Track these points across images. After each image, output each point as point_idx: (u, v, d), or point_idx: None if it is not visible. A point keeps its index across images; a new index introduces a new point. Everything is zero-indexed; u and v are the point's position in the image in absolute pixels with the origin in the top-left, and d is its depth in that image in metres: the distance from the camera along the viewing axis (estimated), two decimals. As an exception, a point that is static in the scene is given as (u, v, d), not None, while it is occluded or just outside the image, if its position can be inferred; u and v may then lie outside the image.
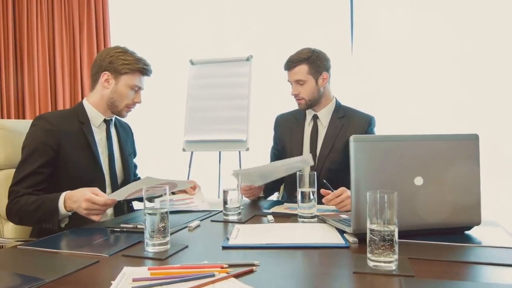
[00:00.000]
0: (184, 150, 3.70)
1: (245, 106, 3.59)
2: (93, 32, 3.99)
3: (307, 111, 2.07)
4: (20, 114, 3.80)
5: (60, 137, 1.57)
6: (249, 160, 3.62)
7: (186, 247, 1.13)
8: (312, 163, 1.74)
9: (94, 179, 1.62)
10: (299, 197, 1.41)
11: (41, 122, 1.59)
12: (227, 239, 1.18)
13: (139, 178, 1.94)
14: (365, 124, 1.96)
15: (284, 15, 3.86)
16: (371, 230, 0.94)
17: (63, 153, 1.57)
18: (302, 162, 1.75)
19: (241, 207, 1.54)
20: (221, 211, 1.62)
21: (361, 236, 1.12)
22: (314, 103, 1.99)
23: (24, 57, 3.80)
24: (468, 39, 3.34)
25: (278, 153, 2.16)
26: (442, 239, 1.12)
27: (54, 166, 1.56)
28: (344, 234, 1.19)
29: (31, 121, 1.63)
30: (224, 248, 1.12)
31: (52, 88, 3.92)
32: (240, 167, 3.68)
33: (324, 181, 1.54)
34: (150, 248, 1.09)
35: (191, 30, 4.07)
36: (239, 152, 3.65)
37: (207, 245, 1.20)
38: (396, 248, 0.92)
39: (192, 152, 3.74)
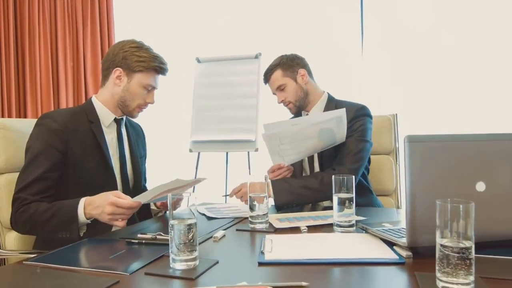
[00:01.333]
0: (190, 150, 3.59)
1: (254, 105, 3.47)
2: (96, 29, 3.88)
3: (302, 113, 2.00)
4: (22, 114, 3.69)
5: (67, 138, 1.43)
6: (259, 161, 3.50)
7: (217, 262, 0.99)
8: (344, 121, 1.69)
9: (106, 184, 1.49)
10: (335, 203, 1.27)
11: (46, 121, 1.44)
12: (262, 253, 1.04)
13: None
14: (352, 113, 1.81)
15: (294, 11, 3.75)
16: (443, 246, 0.80)
17: (71, 155, 1.43)
18: (336, 120, 1.66)
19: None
20: (244, 219, 1.49)
21: (415, 250, 0.99)
22: (302, 102, 1.93)
23: (26, 54, 3.69)
24: (479, 35, 3.22)
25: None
26: None
27: (61, 170, 1.42)
28: (394, 247, 1.05)
29: (34, 120, 1.48)
30: (260, 264, 0.98)
31: (55, 86, 3.81)
32: (249, 168, 3.55)
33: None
34: (178, 264, 0.95)
35: (197, 27, 3.95)
36: (248, 152, 3.52)
37: (240, 260, 1.06)
38: (473, 267, 0.78)
39: (199, 153, 3.62)
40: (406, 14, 3.46)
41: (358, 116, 1.82)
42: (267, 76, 1.95)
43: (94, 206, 1.28)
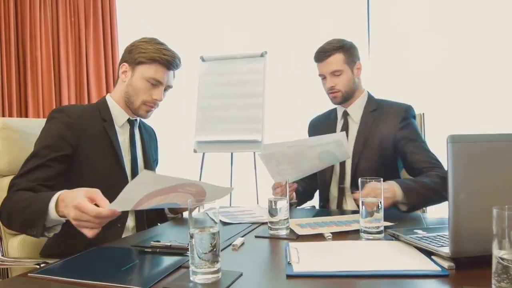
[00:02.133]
0: (195, 151, 3.51)
1: (259, 105, 3.39)
2: (99, 27, 3.81)
3: (338, 109, 1.89)
4: (23, 113, 3.63)
5: (80, 133, 1.35)
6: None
7: (241, 275, 0.90)
8: (345, 144, 1.56)
9: (116, 185, 1.37)
10: (362, 208, 1.18)
11: (59, 115, 1.36)
12: (289, 264, 0.95)
13: None
14: (399, 114, 1.73)
15: (300, 8, 3.67)
16: (501, 258, 0.71)
17: (81, 152, 1.35)
18: (335, 143, 1.56)
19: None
20: (261, 224, 1.40)
21: (456, 261, 0.90)
22: (350, 95, 1.81)
23: (27, 52, 3.63)
24: (487, 33, 3.14)
25: None
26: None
27: (68, 164, 1.33)
28: (433, 257, 0.96)
29: (38, 119, 1.40)
30: (289, 276, 0.89)
31: (57, 86, 3.75)
32: (255, 169, 3.47)
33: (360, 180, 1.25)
34: (199, 277, 0.86)
35: (201, 25, 3.87)
36: (254, 153, 3.44)
37: (265, 272, 0.97)
38: (537, 283, 0.70)
39: (203, 154, 3.53)
40: (413, 12, 3.39)
41: (409, 117, 1.75)
42: (325, 55, 1.77)
43: (65, 203, 1.08)
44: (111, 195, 1.23)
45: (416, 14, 3.37)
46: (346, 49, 1.77)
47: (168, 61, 1.46)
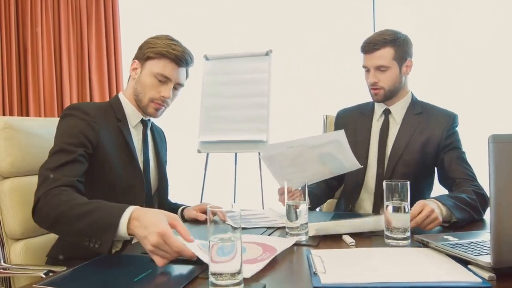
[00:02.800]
0: (199, 151, 3.45)
1: (265, 104, 3.33)
2: (102, 25, 3.74)
3: (376, 105, 1.75)
4: (24, 112, 3.57)
5: (99, 132, 1.29)
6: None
7: (264, 287, 0.84)
8: (345, 146, 1.45)
9: (133, 185, 1.36)
10: (389, 211, 1.11)
11: (77, 112, 1.29)
12: (315, 274, 0.88)
13: None
14: (447, 122, 1.64)
15: (305, 6, 3.62)
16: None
17: (100, 151, 1.29)
18: (333, 144, 1.45)
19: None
20: (277, 229, 1.34)
21: (497, 271, 0.83)
22: (393, 94, 1.67)
23: (28, 50, 3.57)
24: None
25: None
26: None
27: (89, 162, 1.26)
28: (469, 266, 0.90)
29: (44, 118, 1.33)
30: (317, 289, 0.82)
31: (58, 84, 3.69)
32: (261, 170, 3.41)
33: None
34: (220, 291, 0.79)
35: (205, 23, 3.80)
36: (259, 153, 3.38)
37: (291, 284, 0.90)
38: None
39: (207, 154, 3.47)
40: (419, 11, 3.34)
41: (456, 127, 1.66)
42: (373, 48, 1.62)
43: (141, 223, 0.97)
44: (128, 197, 1.24)
45: (422, 14, 3.32)
46: (398, 43, 1.62)
47: (177, 56, 1.39)
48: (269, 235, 1.27)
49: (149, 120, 1.49)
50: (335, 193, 1.90)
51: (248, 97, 3.38)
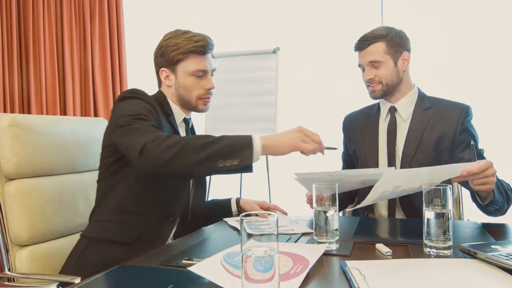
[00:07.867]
0: (205, 152, 3.36)
1: (272, 103, 3.27)
2: (105, 23, 3.67)
3: (381, 104, 1.69)
4: (25, 111, 3.49)
5: (159, 120, 1.34)
6: (279, 162, 3.28)
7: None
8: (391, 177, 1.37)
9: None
10: (430, 219, 1.03)
11: (138, 95, 1.34)
12: (359, 288, 0.80)
13: None
14: (460, 114, 1.56)
15: (313, 3, 3.56)
16: None
17: None
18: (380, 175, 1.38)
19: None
20: (302, 236, 1.26)
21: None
22: (391, 89, 1.62)
23: (30, 50, 3.50)
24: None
25: (349, 159, 1.80)
26: None
27: None
28: (528, 280, 0.81)
29: (52, 116, 1.26)
30: (365, 306, 0.74)
31: (61, 84, 3.61)
32: (268, 170, 3.34)
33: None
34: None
35: (209, 20, 3.74)
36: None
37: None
38: None
39: (214, 154, 3.39)
40: (428, 10, 3.28)
41: (469, 120, 1.59)
42: (365, 44, 1.61)
43: (272, 137, 1.20)
44: (173, 189, 1.34)
45: (430, 12, 3.27)
46: (389, 38, 1.59)
47: (202, 46, 1.43)
48: (295, 241, 1.19)
49: (190, 118, 1.54)
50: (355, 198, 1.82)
51: (255, 96, 3.32)
